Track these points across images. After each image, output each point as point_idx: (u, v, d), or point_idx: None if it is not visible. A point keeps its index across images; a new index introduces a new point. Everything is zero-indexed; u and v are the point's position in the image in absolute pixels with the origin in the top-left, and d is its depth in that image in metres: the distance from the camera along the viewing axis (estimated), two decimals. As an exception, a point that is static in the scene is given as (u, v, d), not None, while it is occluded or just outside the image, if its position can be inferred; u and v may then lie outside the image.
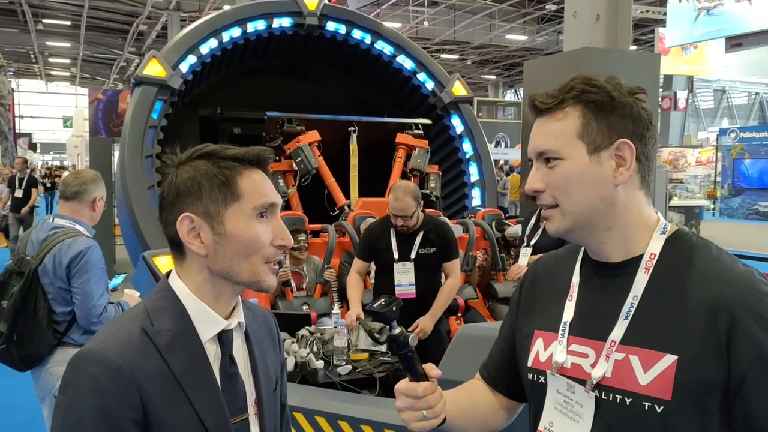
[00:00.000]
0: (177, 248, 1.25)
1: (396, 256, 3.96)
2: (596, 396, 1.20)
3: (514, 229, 5.83)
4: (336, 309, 4.24)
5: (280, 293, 5.23)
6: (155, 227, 5.14)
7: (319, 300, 5.32)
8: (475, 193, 7.46)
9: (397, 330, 1.30)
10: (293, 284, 5.28)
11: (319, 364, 3.54)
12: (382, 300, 1.34)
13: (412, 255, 3.95)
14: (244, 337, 1.32)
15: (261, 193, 1.24)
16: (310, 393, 3.09)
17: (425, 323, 3.86)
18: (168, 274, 1.28)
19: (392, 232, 4.01)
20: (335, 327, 3.79)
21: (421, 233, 3.99)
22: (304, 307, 5.13)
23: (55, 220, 3.27)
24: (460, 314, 5.48)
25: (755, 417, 1.11)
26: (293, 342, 3.69)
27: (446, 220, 5.53)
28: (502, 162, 20.94)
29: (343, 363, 3.60)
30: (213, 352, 1.23)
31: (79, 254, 3.08)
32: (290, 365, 3.45)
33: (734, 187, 22.12)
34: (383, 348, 3.63)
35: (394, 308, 1.31)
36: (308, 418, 2.85)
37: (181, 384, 1.16)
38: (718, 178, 22.70)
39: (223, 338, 1.25)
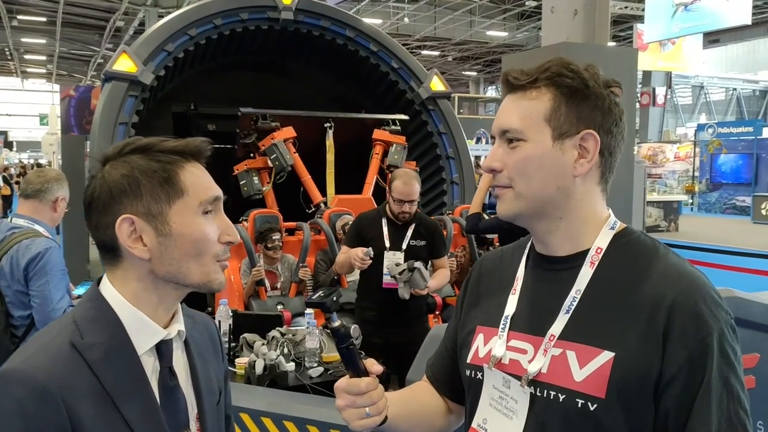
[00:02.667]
0: (111, 253, 1.14)
1: (387, 244, 3.93)
2: (531, 392, 1.16)
3: None
4: (309, 309, 4.15)
5: (254, 293, 5.14)
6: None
7: (294, 299, 5.24)
8: (454, 190, 7.40)
9: (337, 322, 1.23)
10: (267, 284, 5.18)
11: (290, 366, 3.45)
12: (321, 291, 1.27)
13: (404, 246, 3.93)
14: (183, 347, 1.22)
15: (205, 186, 1.15)
16: (278, 397, 2.99)
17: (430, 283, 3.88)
18: (99, 280, 1.17)
19: (384, 222, 3.98)
20: (307, 328, 3.70)
21: (413, 225, 3.98)
22: (279, 307, 5.04)
23: (14, 220, 3.13)
24: (438, 312, 5.43)
25: (673, 423, 1.08)
26: (263, 344, 3.59)
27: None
28: (483, 158, 20.93)
29: (315, 365, 3.52)
30: (151, 365, 1.13)
31: (38, 255, 2.95)
32: (259, 368, 3.35)
33: (712, 182, 22.33)
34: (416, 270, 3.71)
35: (335, 298, 1.25)
36: (276, 423, 2.76)
37: (116, 403, 1.06)
38: (696, 173, 22.91)
39: (162, 349, 1.15)
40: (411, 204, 3.88)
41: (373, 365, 1.24)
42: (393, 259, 3.87)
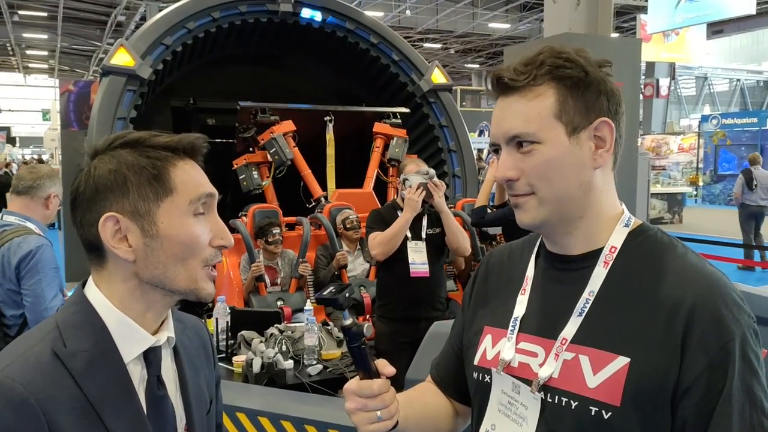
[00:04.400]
0: (95, 253, 1.08)
1: (409, 235, 3.94)
2: (541, 398, 1.10)
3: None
4: (309, 305, 4.10)
5: (254, 289, 5.09)
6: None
7: (294, 295, 5.19)
8: (456, 183, 7.33)
9: (349, 320, 1.17)
10: (267, 279, 5.13)
11: (288, 364, 3.40)
12: (333, 287, 1.21)
13: (423, 235, 3.97)
14: (172, 354, 1.16)
15: (196, 183, 1.09)
16: (276, 396, 2.95)
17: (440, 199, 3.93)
18: (84, 283, 1.11)
19: (400, 215, 3.99)
20: (306, 325, 3.65)
21: (426, 215, 4.03)
22: (279, 303, 5.00)
23: (4, 217, 3.08)
24: (439, 307, 5.37)
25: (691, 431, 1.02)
26: (261, 341, 3.54)
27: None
28: (486, 151, 20.81)
29: (314, 363, 3.47)
30: (138, 374, 1.07)
31: (29, 253, 2.90)
32: (257, 366, 3.30)
33: (716, 174, 22.22)
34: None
35: (348, 294, 1.19)
36: (273, 423, 2.71)
37: (101, 415, 1.00)
38: (700, 165, 22.80)
39: (150, 357, 1.09)
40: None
41: (385, 366, 1.19)
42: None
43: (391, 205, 4.18)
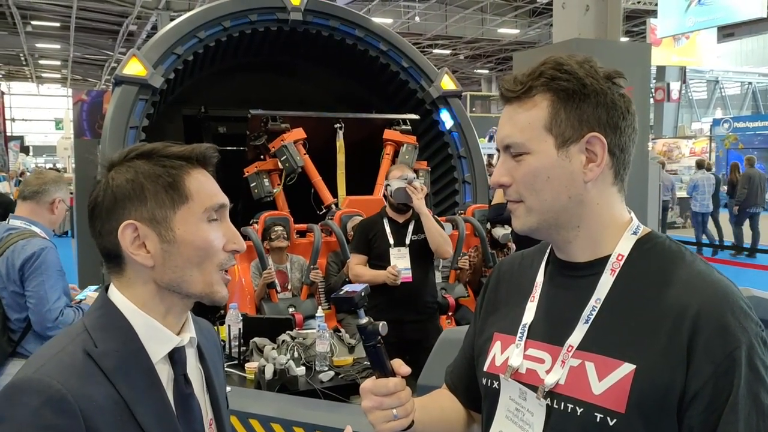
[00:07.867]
0: (115, 260, 1.13)
1: (391, 241, 4.09)
2: (547, 404, 1.11)
3: (506, 231, 5.69)
4: (320, 312, 4.12)
5: (266, 295, 5.11)
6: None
7: (306, 302, 5.21)
8: (466, 189, 7.33)
9: (365, 319, 1.21)
10: (278, 285, 5.15)
11: (300, 370, 3.42)
12: (348, 287, 1.26)
13: (407, 241, 4.09)
14: (197, 354, 1.22)
15: (210, 193, 1.15)
16: (288, 402, 2.97)
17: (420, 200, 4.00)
18: (106, 287, 1.16)
19: (386, 221, 4.16)
20: (318, 331, 3.66)
21: (413, 222, 4.14)
22: (290, 309, 5.02)
23: (11, 221, 3.13)
24: (450, 313, 5.39)
25: None
26: (273, 348, 3.56)
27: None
28: (496, 157, 20.78)
29: (326, 369, 3.49)
30: (165, 373, 1.12)
31: (33, 256, 2.94)
32: (269, 373, 3.33)
33: (728, 177, 22.05)
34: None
35: (363, 293, 1.23)
36: (286, 429, 2.73)
37: (134, 412, 1.04)
38: (713, 169, 22.65)
39: (176, 357, 1.14)
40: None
41: (401, 366, 1.21)
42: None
43: (377, 215, 4.28)
